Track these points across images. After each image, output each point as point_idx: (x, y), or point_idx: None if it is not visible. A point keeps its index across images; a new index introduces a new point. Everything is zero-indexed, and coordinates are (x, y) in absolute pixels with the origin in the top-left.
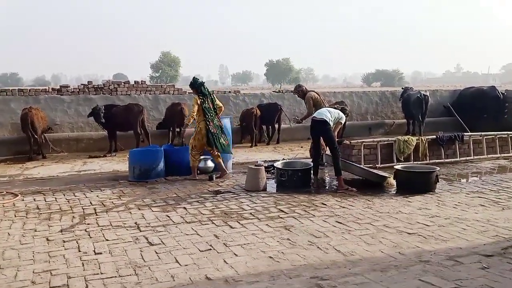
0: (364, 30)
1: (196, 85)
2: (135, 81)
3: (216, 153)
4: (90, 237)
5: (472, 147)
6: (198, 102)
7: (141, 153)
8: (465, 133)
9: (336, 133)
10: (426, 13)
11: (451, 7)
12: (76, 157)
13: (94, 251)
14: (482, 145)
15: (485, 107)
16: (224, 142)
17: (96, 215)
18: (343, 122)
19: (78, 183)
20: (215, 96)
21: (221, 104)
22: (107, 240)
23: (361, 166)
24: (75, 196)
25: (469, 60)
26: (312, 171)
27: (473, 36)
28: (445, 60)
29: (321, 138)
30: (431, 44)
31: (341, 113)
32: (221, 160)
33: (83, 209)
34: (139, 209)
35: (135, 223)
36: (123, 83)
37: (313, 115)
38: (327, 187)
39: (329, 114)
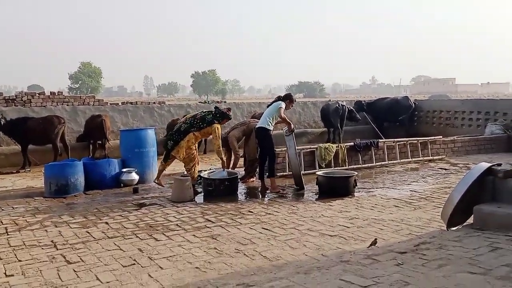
0: (287, 43)
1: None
2: (51, 92)
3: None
4: (1, 259)
5: (386, 153)
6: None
7: (57, 167)
8: (379, 140)
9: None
10: (345, 29)
11: (367, 24)
12: None
13: (5, 273)
14: (395, 150)
15: (398, 116)
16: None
17: (7, 234)
18: (283, 107)
19: None
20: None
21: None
22: (19, 261)
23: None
24: None
25: (383, 73)
26: (258, 175)
27: (386, 50)
28: (362, 72)
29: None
30: (349, 57)
31: (277, 103)
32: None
33: None
34: (56, 226)
35: (52, 241)
36: (37, 94)
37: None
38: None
39: (265, 119)
